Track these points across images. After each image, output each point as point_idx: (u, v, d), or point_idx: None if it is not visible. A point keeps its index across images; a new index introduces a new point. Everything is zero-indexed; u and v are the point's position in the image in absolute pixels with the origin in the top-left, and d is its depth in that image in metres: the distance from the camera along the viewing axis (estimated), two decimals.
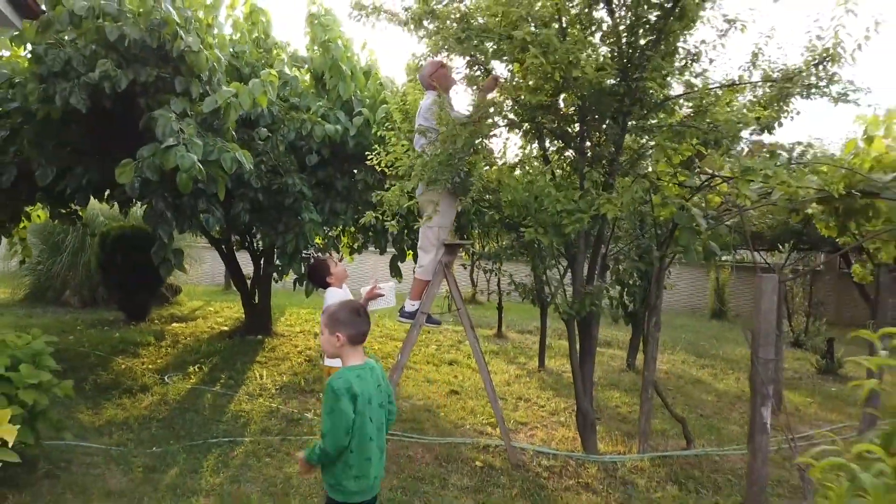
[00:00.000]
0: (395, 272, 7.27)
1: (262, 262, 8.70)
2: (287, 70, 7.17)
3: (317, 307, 11.74)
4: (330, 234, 7.09)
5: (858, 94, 3.70)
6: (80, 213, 7.33)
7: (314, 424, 5.00)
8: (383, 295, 4.17)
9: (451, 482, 3.95)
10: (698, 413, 5.91)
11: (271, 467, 4.12)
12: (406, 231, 7.00)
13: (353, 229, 7.70)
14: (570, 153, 4.79)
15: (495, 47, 3.88)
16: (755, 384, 3.27)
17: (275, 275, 7.15)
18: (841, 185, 3.49)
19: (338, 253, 7.61)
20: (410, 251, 7.24)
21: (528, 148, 5.00)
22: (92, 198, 6.14)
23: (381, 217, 4.29)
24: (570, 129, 4.60)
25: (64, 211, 7.28)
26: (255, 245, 8.85)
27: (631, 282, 7.18)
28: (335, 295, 4.12)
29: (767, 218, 8.86)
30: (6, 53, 6.22)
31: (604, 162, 4.30)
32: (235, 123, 5.23)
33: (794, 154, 3.64)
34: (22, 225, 7.54)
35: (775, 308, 3.30)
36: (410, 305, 4.53)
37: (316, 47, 7.30)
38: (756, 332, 3.22)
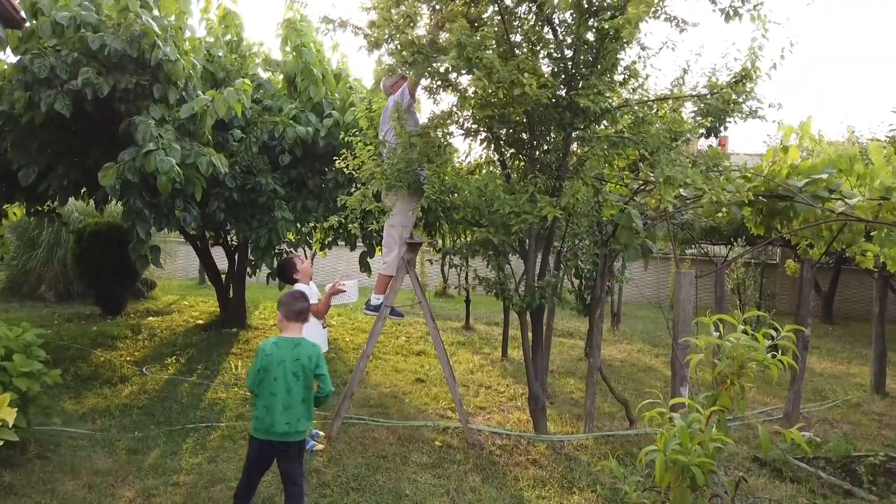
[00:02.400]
0: (364, 267, 7.64)
1: (236, 257, 9.00)
2: (261, 72, 7.48)
3: None
4: (302, 230, 7.42)
5: (771, 108, 4.16)
6: (59, 212, 7.55)
7: None
8: (346, 291, 4.54)
9: (411, 460, 4.35)
10: (646, 396, 6.38)
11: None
12: (373, 229, 7.35)
13: (325, 226, 8.04)
14: (521, 159, 5.20)
15: (452, 64, 4.26)
16: (675, 367, 3.71)
17: (248, 269, 7.48)
18: (752, 192, 3.95)
19: (310, 249, 7.94)
20: (379, 247, 7.61)
21: (489, 153, 5.40)
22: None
23: (343, 221, 4.63)
24: (522, 137, 5.01)
25: (41, 209, 7.50)
26: (229, 241, 9.15)
27: (587, 276, 7.62)
28: (302, 290, 4.47)
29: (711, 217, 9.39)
30: None
31: (552, 167, 4.71)
32: (211, 128, 5.53)
33: (712, 164, 4.08)
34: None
35: (692, 299, 3.74)
36: (375, 299, 4.91)
37: (289, 49, 7.60)
38: (675, 321, 3.66)
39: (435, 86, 5.07)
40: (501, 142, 5.10)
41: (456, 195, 4.33)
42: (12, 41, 5.23)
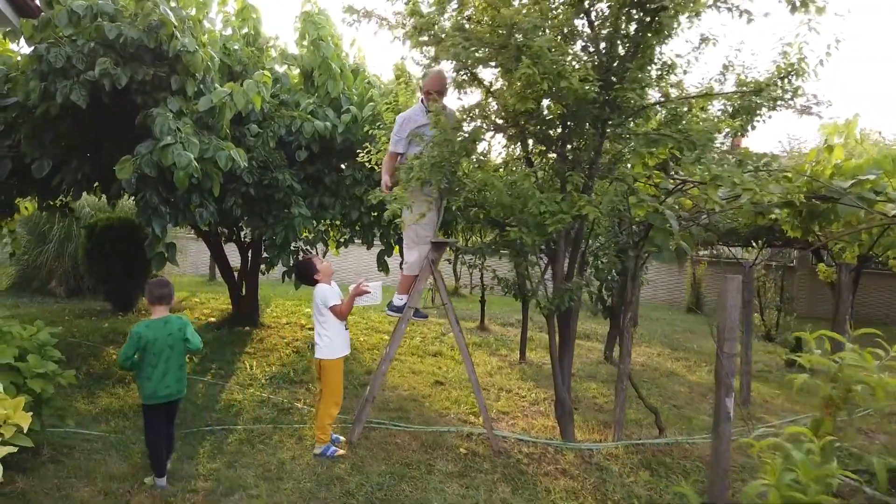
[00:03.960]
0: (382, 266, 7.48)
1: (249, 254, 8.86)
2: (277, 67, 7.33)
3: (302, 299, 11.91)
4: (318, 227, 7.26)
5: (821, 106, 3.97)
6: (71, 206, 7.42)
7: (305, 413, 5.21)
8: (370, 292, 4.38)
9: (436, 468, 4.19)
10: (671, 404, 6.21)
11: (264, 453, 4.32)
12: (393, 227, 7.20)
13: (338, 223, 7.87)
14: (551, 156, 5.02)
15: (488, 54, 4.08)
16: (720, 376, 3.53)
17: (262, 267, 7.33)
18: (802, 193, 3.76)
19: (325, 247, 7.79)
20: (397, 246, 7.45)
21: (511, 150, 5.23)
22: None
23: (376, 217, 4.46)
24: (552, 134, 4.83)
25: (53, 203, 7.38)
26: (242, 237, 9.01)
27: (609, 277, 7.44)
28: (324, 290, 4.31)
29: (738, 218, 9.20)
30: None
31: (584, 165, 4.53)
32: (229, 122, 5.38)
33: (762, 163, 3.89)
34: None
35: (739, 305, 3.56)
36: (398, 300, 4.74)
37: (306, 43, 7.45)
38: (721, 328, 3.48)
39: (464, 79, 4.91)
40: (529, 138, 4.92)
41: (485, 193, 4.15)
42: (27, 31, 5.09)
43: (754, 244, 11.47)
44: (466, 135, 4.06)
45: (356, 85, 7.48)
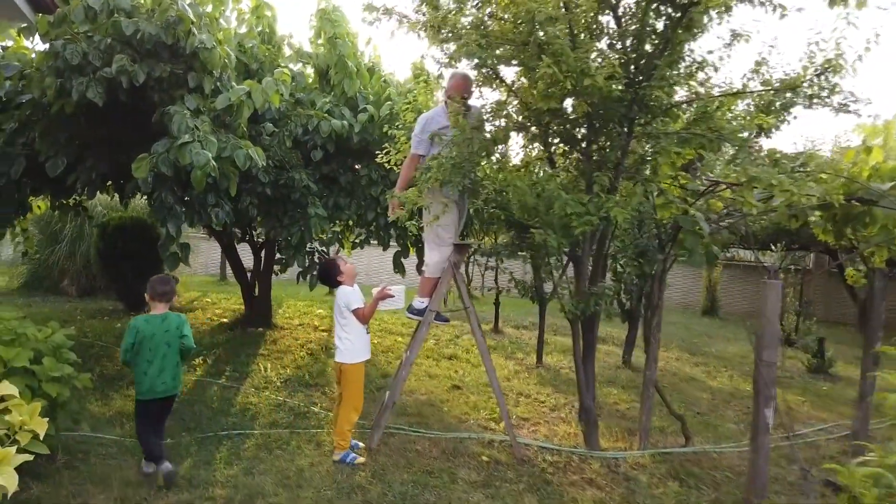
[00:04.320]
0: (399, 268, 7.36)
1: (262, 254, 8.77)
2: (292, 65, 7.23)
3: (314, 300, 11.84)
4: (334, 228, 7.15)
5: (859, 104, 3.82)
6: (85, 205, 7.36)
7: (322, 418, 5.10)
8: (394, 296, 4.27)
9: (459, 476, 4.07)
10: (694, 411, 6.06)
11: (282, 459, 4.21)
12: (408, 228, 7.09)
13: (351, 223, 7.75)
14: (574, 156, 4.90)
15: (509, 52, 3.96)
16: (759, 385, 3.40)
17: (278, 267, 7.24)
18: (841, 193, 3.62)
19: (342, 248, 7.69)
20: (413, 247, 7.34)
21: (531, 149, 5.10)
22: None
23: (406, 216, 4.35)
24: (575, 133, 4.71)
25: (66, 202, 7.32)
26: (255, 237, 8.92)
27: (628, 280, 7.31)
28: (347, 293, 4.21)
29: (761, 220, 9.04)
30: (10, 43, 6.24)
31: (609, 165, 4.40)
32: (247, 120, 5.29)
33: (797, 163, 3.75)
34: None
35: (779, 312, 3.43)
36: (419, 303, 4.63)
37: (320, 42, 7.36)
38: (760, 336, 3.35)
39: (485, 78, 4.81)
40: (553, 138, 4.80)
41: (508, 194, 4.02)
42: (42, 27, 5.00)
43: (773, 247, 11.31)
44: (489, 135, 3.94)
45: (372, 84, 7.38)
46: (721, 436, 5.33)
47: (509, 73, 4.76)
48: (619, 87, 3.58)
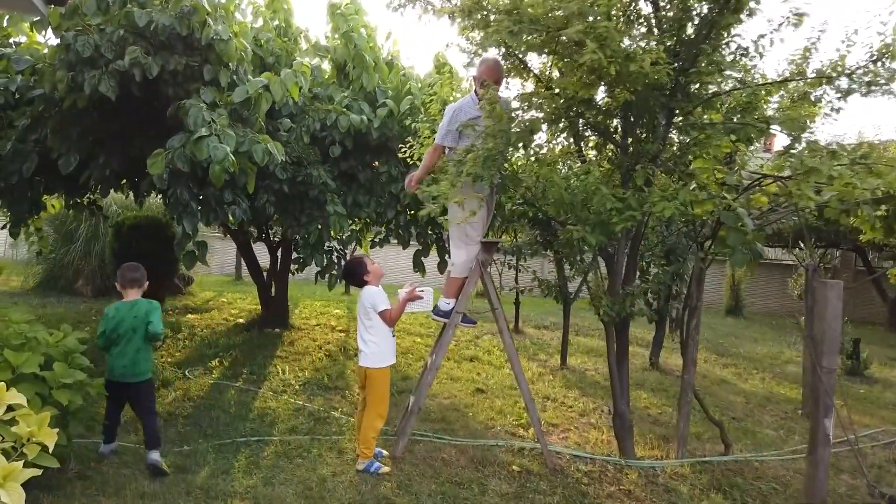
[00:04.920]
0: (418, 267, 7.16)
1: (278, 253, 8.60)
2: (309, 60, 7.04)
3: (330, 300, 11.67)
4: (352, 227, 6.96)
5: None
6: (99, 204, 7.21)
7: (343, 423, 4.90)
8: (422, 297, 4.06)
9: (490, 488, 3.85)
10: (729, 416, 5.79)
11: (303, 468, 4.02)
12: (430, 226, 6.88)
13: (368, 221, 7.54)
14: (608, 149, 4.66)
15: (543, 38, 3.73)
16: (818, 394, 3.15)
17: (296, 267, 7.06)
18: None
19: (359, 247, 7.50)
20: (434, 245, 7.13)
21: (555, 144, 4.87)
22: None
23: (437, 211, 4.12)
24: (608, 125, 4.47)
25: (80, 201, 7.17)
26: (271, 236, 8.76)
27: (657, 279, 7.06)
28: (373, 293, 4.00)
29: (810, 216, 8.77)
30: (23, 39, 6.11)
31: (647, 158, 4.16)
32: (265, 114, 5.10)
33: (858, 155, 3.50)
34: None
35: (840, 315, 3.18)
36: (445, 304, 4.41)
37: (336, 36, 7.18)
38: (820, 341, 3.10)
39: (512, 67, 4.59)
40: (582, 130, 4.56)
41: (542, 189, 3.80)
42: (54, 19, 4.84)
43: (801, 244, 10.99)
44: (525, 125, 3.71)
45: (391, 78, 7.18)
46: (760, 443, 5.07)
47: (537, 62, 4.56)
48: (668, 73, 3.34)
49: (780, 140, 5.26)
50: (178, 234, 10.15)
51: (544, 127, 4.31)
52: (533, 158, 3.74)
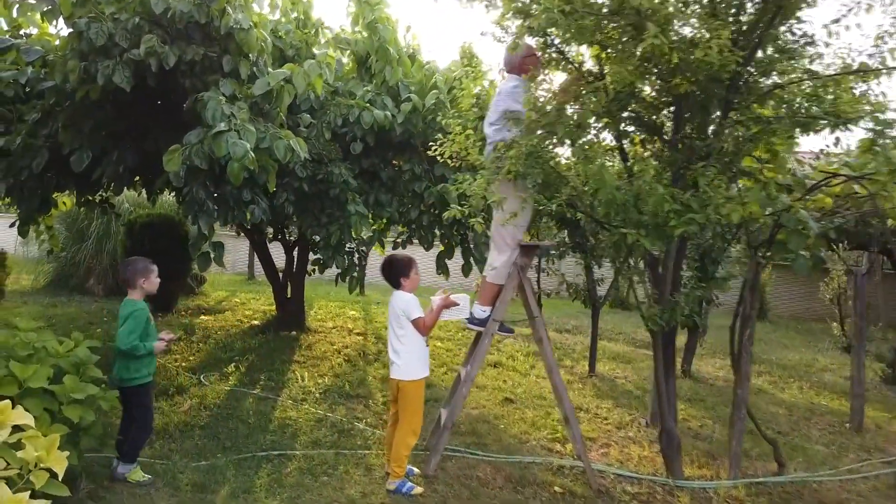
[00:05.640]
0: (442, 270, 6.86)
1: (294, 253, 8.34)
2: (331, 52, 6.76)
3: (345, 300, 11.41)
4: (374, 227, 6.67)
5: None
6: (111, 202, 6.97)
7: (368, 436, 4.62)
8: (458, 304, 3.77)
9: None
10: (774, 430, 5.46)
11: (330, 487, 3.74)
12: (455, 227, 6.60)
13: (385, 220, 7.24)
14: (654, 146, 4.35)
15: (593, 21, 3.43)
16: None
17: (315, 268, 6.79)
18: None
19: (382, 247, 7.21)
20: (459, 247, 6.84)
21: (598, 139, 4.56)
22: None
23: (465, 212, 3.84)
24: (655, 120, 4.17)
25: (92, 198, 6.93)
26: (287, 235, 8.50)
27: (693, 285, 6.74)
28: (406, 300, 3.71)
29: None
30: (34, 31, 5.86)
31: (700, 155, 3.85)
32: (286, 108, 4.82)
33: None
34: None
35: None
36: (481, 311, 4.12)
37: (357, 28, 6.90)
38: None
39: (552, 58, 4.29)
40: (626, 125, 4.25)
41: (592, 189, 3.49)
42: (65, 8, 4.57)
43: (834, 247, 10.61)
44: (574, 119, 3.41)
45: (413, 72, 6.89)
46: (813, 461, 4.75)
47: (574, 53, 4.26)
48: (735, 59, 3.03)
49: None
50: (191, 233, 9.96)
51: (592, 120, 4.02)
52: (578, 156, 3.43)
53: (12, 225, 6.39)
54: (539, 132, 3.33)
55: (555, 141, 3.42)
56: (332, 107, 6.05)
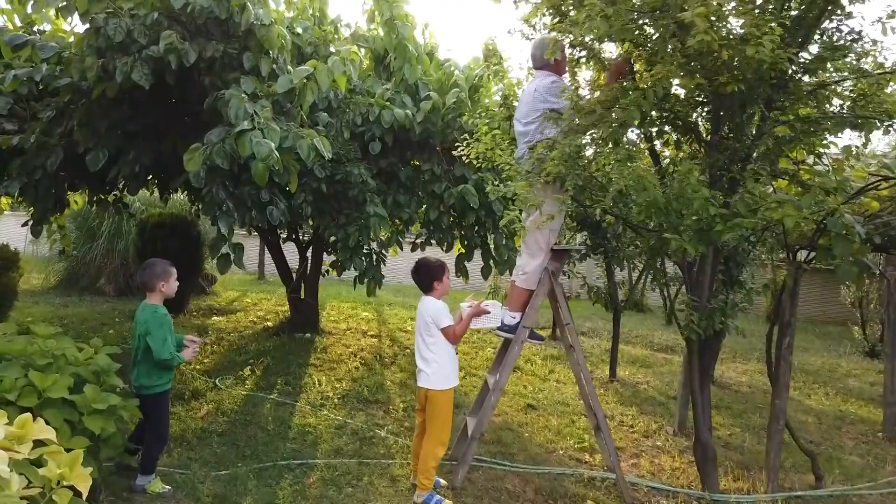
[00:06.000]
0: (461, 272, 6.72)
1: (308, 253, 8.22)
2: (354, 48, 6.64)
3: (357, 301, 11.28)
4: (392, 228, 6.53)
5: None
6: (125, 201, 6.86)
7: (390, 444, 4.50)
8: (489, 313, 3.64)
9: None
10: (805, 439, 5.30)
11: (355, 500, 3.61)
12: (477, 229, 6.46)
13: (399, 221, 7.10)
14: (690, 147, 4.21)
15: (632, 21, 3.29)
16: None
17: (327, 269, 6.66)
18: None
19: (401, 248, 7.08)
20: (480, 249, 6.71)
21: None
22: None
23: (520, 216, 3.67)
24: (690, 120, 4.02)
25: (105, 197, 6.82)
26: (300, 235, 8.38)
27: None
28: (436, 307, 3.58)
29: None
30: (48, 27, 5.76)
31: (741, 156, 3.70)
32: (308, 107, 4.69)
33: None
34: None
35: None
36: (510, 318, 3.98)
37: (372, 25, 6.77)
38: None
39: (580, 57, 4.16)
40: (660, 125, 4.10)
41: (632, 192, 3.34)
42: (81, 4, 4.45)
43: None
44: (617, 120, 3.26)
45: (432, 70, 6.76)
46: (849, 473, 4.59)
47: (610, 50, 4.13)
48: (789, 58, 2.88)
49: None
50: (204, 232, 9.83)
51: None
52: (622, 157, 3.28)
53: (24, 224, 6.29)
54: (585, 132, 3.19)
55: (598, 141, 3.27)
56: (353, 105, 5.92)
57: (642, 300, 12.71)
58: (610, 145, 3.44)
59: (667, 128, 4.14)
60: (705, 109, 3.98)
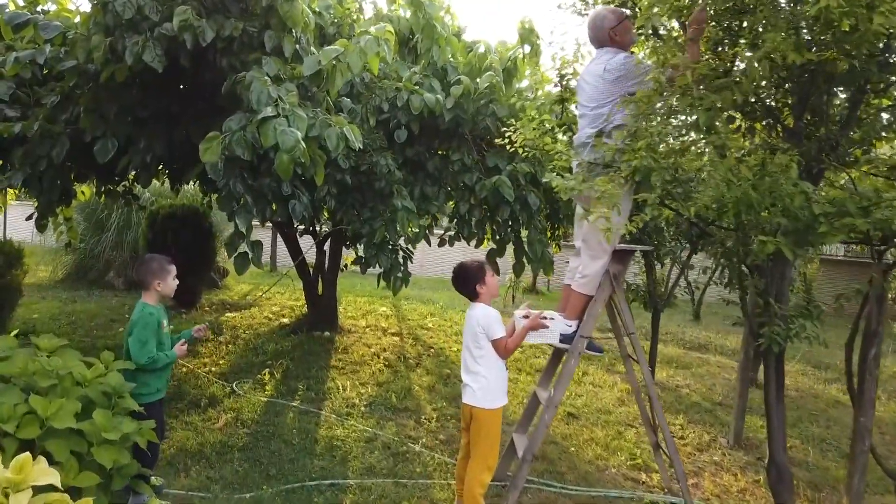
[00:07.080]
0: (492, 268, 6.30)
1: (326, 248, 7.83)
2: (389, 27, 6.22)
3: (373, 296, 10.92)
4: (420, 223, 6.13)
5: None
6: (136, 193, 6.48)
7: (427, 462, 4.11)
8: (548, 327, 3.24)
9: None
10: (884, 457, 4.89)
11: None
12: (511, 222, 6.04)
13: (428, 215, 6.70)
14: (763, 134, 3.76)
15: None
16: None
17: (346, 265, 6.27)
18: None
19: (429, 245, 6.68)
20: (510, 242, 6.29)
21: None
22: None
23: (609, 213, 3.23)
24: (771, 105, 3.58)
25: (114, 188, 6.44)
26: (318, 229, 7.98)
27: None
28: (488, 316, 3.17)
29: None
30: (52, 7, 5.35)
31: (831, 145, 3.26)
32: (336, 92, 4.28)
33: None
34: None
35: None
36: (566, 326, 3.57)
37: (393, 7, 6.35)
38: None
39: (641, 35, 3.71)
40: (735, 111, 3.66)
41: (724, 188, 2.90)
42: None
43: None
44: (715, 100, 2.81)
45: (460, 52, 6.33)
46: None
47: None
48: None
49: None
50: (216, 223, 9.42)
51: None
52: (718, 146, 2.85)
53: (29, 218, 5.92)
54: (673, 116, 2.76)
55: (687, 128, 2.84)
56: (378, 90, 5.50)
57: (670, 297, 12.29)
58: (701, 133, 3.00)
59: (734, 114, 3.71)
60: (783, 90, 3.53)
